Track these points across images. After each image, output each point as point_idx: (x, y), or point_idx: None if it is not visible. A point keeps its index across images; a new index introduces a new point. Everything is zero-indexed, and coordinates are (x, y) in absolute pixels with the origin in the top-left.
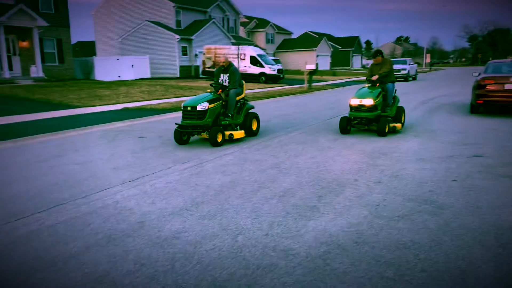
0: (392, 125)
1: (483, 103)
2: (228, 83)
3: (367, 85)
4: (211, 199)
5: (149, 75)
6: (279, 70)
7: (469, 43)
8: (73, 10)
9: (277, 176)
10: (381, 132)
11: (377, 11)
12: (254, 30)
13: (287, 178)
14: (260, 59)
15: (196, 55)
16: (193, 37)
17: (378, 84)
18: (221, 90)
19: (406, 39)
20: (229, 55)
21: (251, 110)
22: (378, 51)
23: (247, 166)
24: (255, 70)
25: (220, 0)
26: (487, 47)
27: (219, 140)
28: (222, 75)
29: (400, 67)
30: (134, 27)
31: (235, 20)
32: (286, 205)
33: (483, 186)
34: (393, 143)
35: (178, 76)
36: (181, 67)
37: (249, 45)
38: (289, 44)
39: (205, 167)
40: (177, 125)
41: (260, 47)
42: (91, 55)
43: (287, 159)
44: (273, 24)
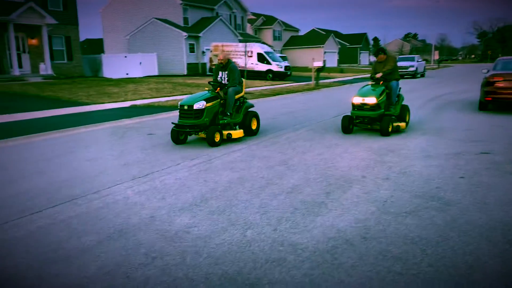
0: (395, 124)
1: (491, 100)
2: (227, 81)
3: (371, 83)
4: (220, 195)
5: (156, 73)
6: (286, 67)
7: (479, 40)
8: (81, 7)
9: (285, 172)
10: (384, 131)
11: (385, 8)
12: (261, 27)
13: (295, 174)
14: (267, 56)
15: (203, 52)
16: (201, 35)
17: (381, 82)
18: (219, 88)
19: (414, 36)
20: (236, 52)
21: (251, 108)
22: (380, 49)
23: (255, 162)
24: (262, 67)
25: None
26: (496, 44)
27: (217, 140)
28: (220, 73)
29: (408, 64)
30: (141, 25)
31: (242, 17)
32: (294, 201)
33: (491, 183)
34: (400, 140)
35: (185, 73)
36: (188, 65)
37: (256, 42)
38: (296, 41)
39: (214, 164)
40: (173, 124)
41: (267, 44)
42: (99, 53)
43: (295, 155)
44: (280, 21)
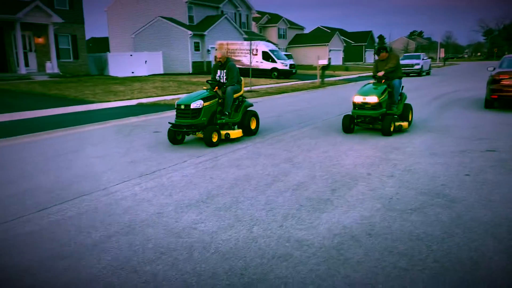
0: (398, 124)
1: (497, 98)
2: (225, 79)
3: (372, 82)
4: (226, 192)
5: (162, 71)
6: (291, 65)
7: (485, 38)
8: (87, 6)
9: (290, 170)
10: (385, 131)
11: (391, 6)
12: (266, 25)
13: (300, 172)
14: (272, 54)
15: (208, 50)
16: (206, 33)
17: (383, 80)
18: (217, 87)
19: (420, 34)
20: (241, 50)
21: (250, 108)
22: (381, 47)
23: (261, 160)
24: (267, 65)
25: None
26: (503, 41)
27: (215, 140)
28: (219, 71)
29: (413, 62)
30: (147, 23)
31: (247, 15)
32: (299, 198)
33: (496, 180)
34: (406, 138)
35: (190, 72)
36: (193, 63)
37: (261, 40)
38: (301, 39)
39: (220, 161)
40: (170, 124)
41: (272, 42)
42: (105, 51)
43: (300, 153)
44: (285, 19)
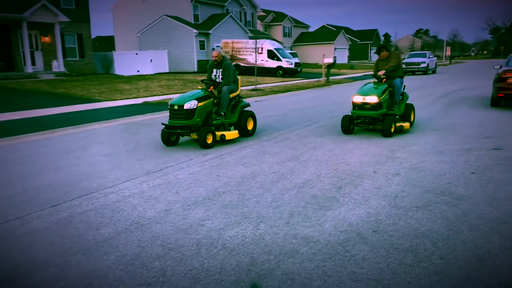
0: (398, 124)
1: (504, 97)
2: (221, 79)
3: (373, 81)
4: (233, 189)
5: (167, 70)
6: (296, 63)
7: (491, 35)
8: (92, 5)
9: (296, 167)
10: (386, 132)
11: (397, 3)
12: (271, 23)
13: (306, 169)
14: (277, 53)
15: (213, 49)
16: (211, 31)
17: (384, 79)
18: (212, 86)
19: (425, 32)
20: (246, 49)
21: (247, 108)
22: (381, 46)
23: (267, 158)
24: (272, 64)
25: None
26: (509, 40)
27: (209, 141)
28: (215, 71)
29: (419, 60)
30: (152, 22)
31: (252, 14)
32: (305, 195)
33: (502, 178)
34: (411, 136)
35: (195, 70)
36: (198, 62)
37: (266, 39)
38: (307, 37)
39: (226, 159)
40: (163, 125)
41: (277, 41)
42: (110, 50)
43: (306, 151)
44: (290, 17)
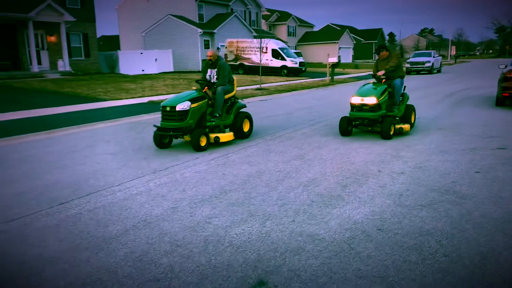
0: (398, 126)
1: (509, 96)
2: (216, 79)
3: (372, 81)
4: (239, 188)
5: (172, 69)
6: (300, 63)
7: (497, 35)
8: (97, 4)
9: (301, 166)
10: (385, 134)
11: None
12: (275, 23)
13: (311, 168)
14: (281, 52)
15: (218, 48)
16: (215, 31)
17: (384, 80)
18: (207, 87)
19: (430, 31)
20: (251, 48)
21: (243, 109)
22: (381, 46)
23: (272, 157)
24: (277, 63)
25: None
26: None
27: (203, 144)
28: (209, 70)
29: (424, 59)
30: (157, 21)
31: (257, 13)
32: (311, 194)
33: (507, 177)
34: (416, 136)
35: (200, 69)
36: (203, 61)
37: (271, 38)
38: (311, 37)
39: (231, 158)
40: (155, 127)
41: (281, 40)
42: (115, 49)
43: (311, 150)
44: (295, 16)
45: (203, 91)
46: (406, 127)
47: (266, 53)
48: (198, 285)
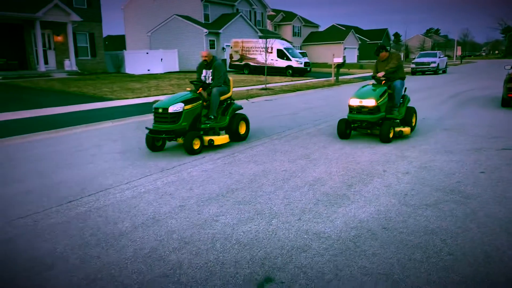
0: (398, 129)
1: None
2: (211, 80)
3: (371, 83)
4: (245, 187)
5: (177, 69)
6: (306, 63)
7: (503, 35)
8: (103, 4)
9: (307, 166)
10: (384, 137)
11: (407, 3)
12: (281, 23)
13: (317, 168)
14: (287, 52)
15: (223, 48)
16: (221, 31)
17: (384, 81)
18: (202, 88)
19: (436, 32)
20: (256, 48)
21: (239, 111)
22: (381, 47)
23: (278, 156)
24: (282, 63)
25: None
26: None
27: (196, 147)
28: (204, 71)
29: (429, 60)
30: (163, 21)
31: (262, 13)
32: (316, 193)
33: (511, 178)
34: (421, 136)
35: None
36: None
37: (276, 38)
38: (316, 37)
39: (237, 157)
40: (148, 129)
41: (287, 40)
42: (121, 49)
43: (316, 150)
44: (300, 17)
45: (198, 92)
46: (406, 130)
47: (271, 53)
48: (206, 281)
